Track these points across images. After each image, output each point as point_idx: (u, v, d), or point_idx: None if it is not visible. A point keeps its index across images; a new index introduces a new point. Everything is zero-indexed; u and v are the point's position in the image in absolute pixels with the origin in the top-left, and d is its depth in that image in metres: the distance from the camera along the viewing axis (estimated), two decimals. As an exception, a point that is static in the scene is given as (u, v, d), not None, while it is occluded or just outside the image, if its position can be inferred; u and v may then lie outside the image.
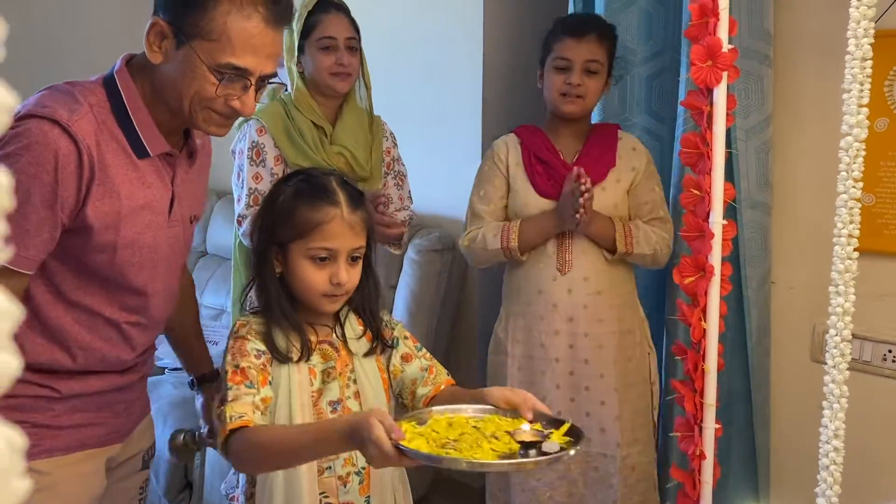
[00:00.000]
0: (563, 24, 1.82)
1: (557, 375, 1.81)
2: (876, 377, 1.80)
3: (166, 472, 2.31)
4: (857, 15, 1.27)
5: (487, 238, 1.80)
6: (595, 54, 1.75)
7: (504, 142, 1.88)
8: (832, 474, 1.38)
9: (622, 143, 1.84)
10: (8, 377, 0.21)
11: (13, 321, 0.21)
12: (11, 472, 0.21)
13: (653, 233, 1.78)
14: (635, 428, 1.83)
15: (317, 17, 1.86)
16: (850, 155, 1.31)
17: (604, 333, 1.80)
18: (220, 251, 3.36)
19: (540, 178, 1.80)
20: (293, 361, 1.19)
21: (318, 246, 1.18)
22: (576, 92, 1.75)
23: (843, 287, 1.34)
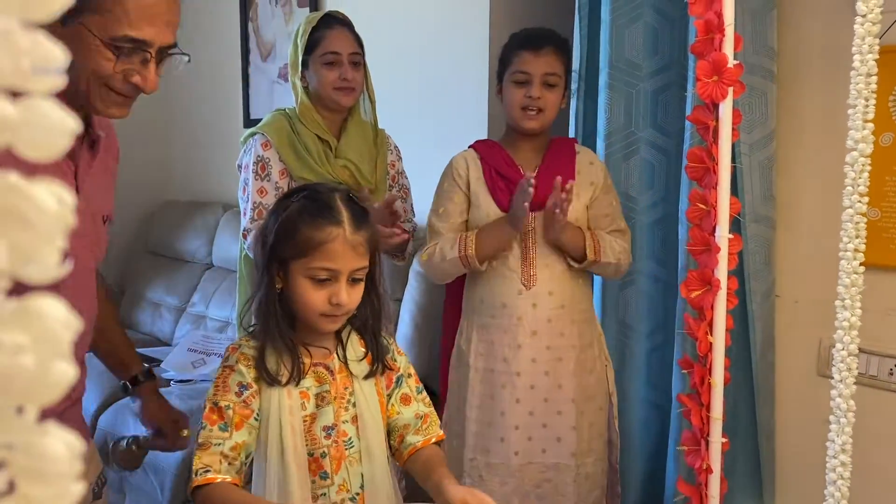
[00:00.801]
0: (520, 37, 1.84)
1: (518, 389, 1.80)
2: (882, 391, 1.80)
3: (171, 485, 2.32)
4: (863, 31, 1.28)
5: (445, 249, 1.80)
6: (553, 67, 1.77)
7: (463, 157, 1.89)
8: (839, 489, 1.38)
9: (580, 157, 1.86)
10: (66, 386, 0.22)
11: (73, 331, 0.22)
12: (70, 477, 0.22)
13: (615, 243, 1.82)
14: (591, 439, 1.84)
15: (321, 32, 1.87)
16: (856, 170, 1.32)
17: (564, 346, 1.81)
18: (225, 264, 3.37)
19: (501, 193, 1.81)
20: (281, 385, 1.18)
21: (318, 266, 1.16)
22: (536, 105, 1.77)
23: (850, 301, 1.34)
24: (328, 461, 1.21)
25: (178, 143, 4.00)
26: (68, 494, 0.22)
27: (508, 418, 1.81)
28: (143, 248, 3.87)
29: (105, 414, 2.61)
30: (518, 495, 1.82)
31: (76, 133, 0.22)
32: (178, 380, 2.81)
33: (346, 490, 1.22)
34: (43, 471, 0.22)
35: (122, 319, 3.67)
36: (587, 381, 1.84)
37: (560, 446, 1.81)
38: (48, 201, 0.21)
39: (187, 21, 4.05)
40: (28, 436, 0.22)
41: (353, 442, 1.24)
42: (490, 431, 1.82)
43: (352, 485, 1.23)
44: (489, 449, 1.82)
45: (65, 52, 0.22)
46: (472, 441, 1.84)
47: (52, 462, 0.22)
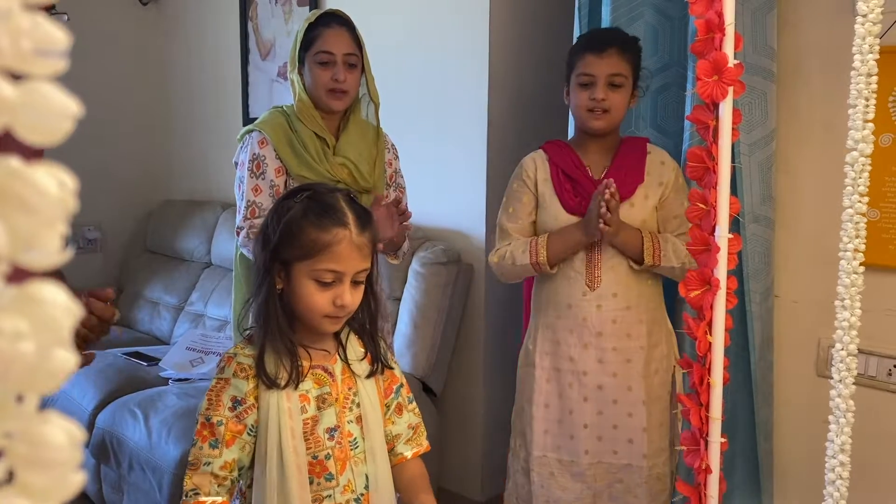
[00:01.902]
0: (585, 40, 1.84)
1: (585, 388, 1.82)
2: (881, 392, 1.80)
3: (169, 484, 2.31)
4: (863, 31, 1.28)
5: (516, 255, 1.82)
6: (617, 68, 1.76)
7: (532, 158, 1.90)
8: (838, 489, 1.38)
9: (651, 157, 1.84)
10: (67, 373, 0.22)
11: (74, 318, 0.22)
12: (70, 465, 0.21)
13: (681, 246, 1.79)
14: (662, 438, 1.84)
15: (318, 30, 1.85)
16: (856, 170, 1.32)
17: (632, 348, 1.81)
18: (224, 262, 3.37)
19: (568, 195, 1.81)
20: (280, 388, 1.17)
21: (324, 268, 1.15)
22: (601, 106, 1.76)
23: (850, 301, 1.34)
24: (332, 462, 1.21)
25: (177, 142, 4.00)
26: (68, 483, 0.21)
27: (577, 416, 1.83)
28: (141, 246, 3.86)
29: (103, 413, 2.61)
30: (591, 493, 1.83)
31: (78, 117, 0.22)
32: (176, 378, 2.80)
33: (350, 490, 1.22)
34: (43, 459, 0.21)
35: (121, 318, 3.67)
36: (654, 381, 1.83)
37: (632, 448, 1.82)
38: (49, 185, 0.21)
39: (186, 20, 4.09)
40: (28, 424, 0.22)
41: (357, 442, 1.24)
42: (559, 429, 1.84)
43: (357, 485, 1.23)
44: (559, 446, 1.85)
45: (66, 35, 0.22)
46: (540, 439, 1.86)
47: (51, 450, 0.21)
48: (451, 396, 2.68)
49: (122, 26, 3.88)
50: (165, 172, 4.04)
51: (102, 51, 3.73)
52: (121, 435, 2.50)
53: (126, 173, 3.93)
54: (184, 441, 2.33)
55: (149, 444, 2.40)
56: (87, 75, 3.56)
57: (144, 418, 2.47)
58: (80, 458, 0.22)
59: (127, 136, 3.93)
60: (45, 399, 0.23)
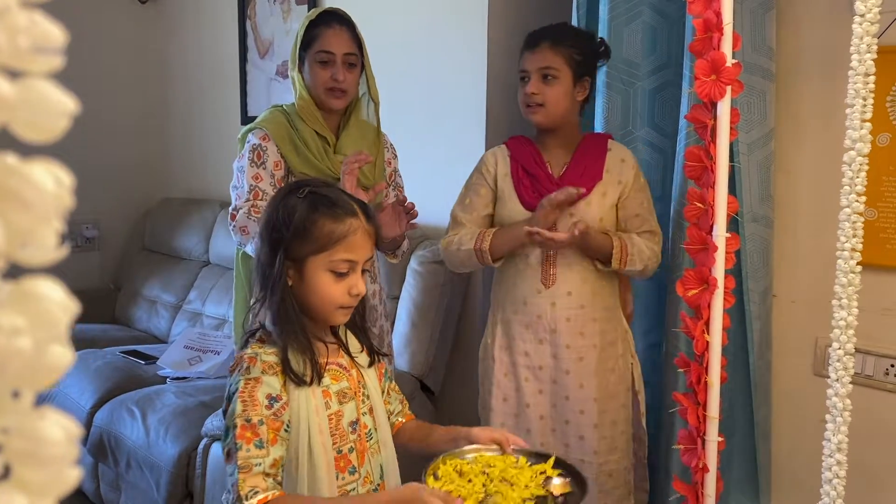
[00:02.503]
0: (525, 40, 1.86)
1: (541, 382, 1.84)
2: (878, 391, 1.80)
3: (167, 482, 2.31)
4: (861, 31, 1.28)
5: (464, 240, 1.83)
6: (548, 61, 1.77)
7: (493, 153, 1.91)
8: (835, 488, 1.38)
9: (611, 154, 1.84)
10: (63, 369, 0.22)
11: (71, 315, 0.22)
12: (66, 461, 0.21)
13: (646, 248, 1.80)
14: (614, 436, 1.85)
15: (318, 29, 1.85)
16: (854, 169, 1.32)
17: (585, 346, 1.82)
18: (222, 261, 3.37)
19: (526, 191, 1.82)
20: (307, 384, 1.17)
21: (340, 258, 1.17)
22: (534, 101, 1.78)
23: (847, 301, 1.34)
24: (354, 455, 1.23)
25: (175, 141, 3.99)
26: (65, 478, 0.22)
27: (533, 409, 1.84)
28: (139, 245, 3.86)
29: (101, 411, 2.61)
30: None
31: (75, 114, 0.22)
32: (173, 377, 2.80)
33: (370, 481, 1.24)
34: (39, 454, 0.21)
35: (119, 316, 3.67)
36: (609, 380, 1.84)
37: (583, 444, 1.83)
38: (46, 181, 0.21)
39: (185, 18, 4.08)
40: (24, 419, 0.22)
41: (371, 433, 1.27)
42: (516, 423, 1.86)
43: (374, 475, 1.25)
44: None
45: (62, 32, 0.22)
46: None
47: (48, 446, 0.21)
48: (448, 395, 2.68)
49: (120, 24, 3.87)
50: (164, 170, 4.03)
51: (101, 49, 3.72)
52: (118, 433, 2.50)
53: (124, 171, 3.93)
54: (182, 439, 2.34)
55: (146, 443, 2.40)
56: (86, 73, 3.56)
57: (142, 417, 2.47)
58: (76, 454, 0.22)
59: (125, 133, 3.93)
60: (42, 397, 0.23)
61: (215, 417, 2.30)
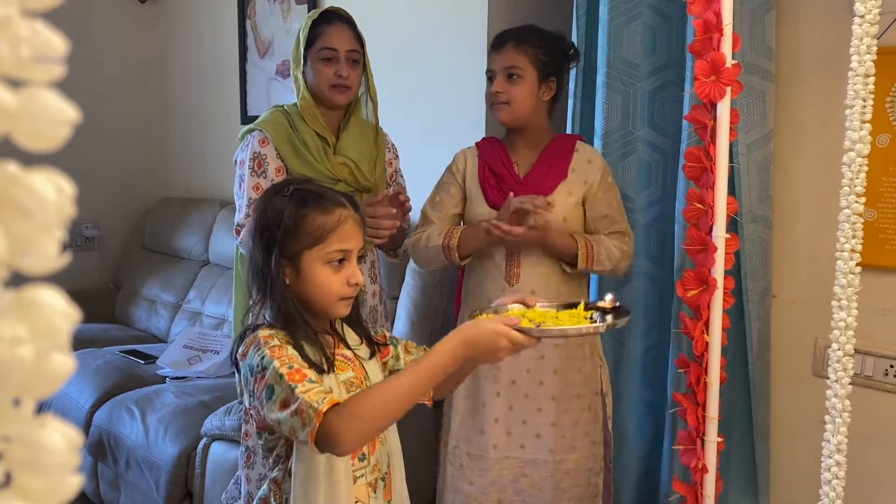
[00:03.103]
0: (492, 41, 1.88)
1: (499, 383, 1.83)
2: (877, 392, 1.80)
3: (166, 482, 2.31)
4: (860, 32, 1.28)
5: (432, 236, 1.84)
6: (512, 61, 1.79)
7: (464, 153, 1.93)
8: (834, 489, 1.38)
9: (578, 154, 1.85)
10: (65, 378, 0.22)
11: (72, 323, 0.22)
12: (67, 469, 0.21)
13: (615, 248, 1.79)
14: (575, 436, 1.84)
15: (321, 27, 1.87)
16: (853, 170, 1.32)
17: (546, 345, 1.81)
18: (222, 261, 3.37)
19: (492, 190, 1.84)
20: (326, 373, 1.17)
21: (335, 249, 1.18)
22: (499, 99, 1.80)
23: (846, 301, 1.34)
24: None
25: (175, 140, 3.99)
26: (66, 486, 0.22)
27: (489, 410, 1.84)
28: (139, 244, 3.86)
29: (100, 410, 2.61)
30: (496, 488, 1.84)
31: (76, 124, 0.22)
32: (173, 377, 2.80)
33: (378, 470, 1.25)
34: (40, 463, 0.21)
35: (119, 316, 3.67)
36: (573, 380, 1.84)
37: (539, 442, 1.83)
38: (47, 191, 0.21)
39: (185, 18, 4.08)
40: (26, 427, 0.22)
41: None
42: (472, 422, 1.86)
43: (382, 464, 1.26)
44: (470, 439, 1.86)
45: (63, 41, 0.22)
46: (455, 430, 1.88)
47: (49, 454, 0.21)
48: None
49: (120, 24, 3.87)
50: (163, 170, 4.03)
51: (100, 48, 3.72)
52: (118, 433, 2.50)
53: (124, 171, 3.93)
54: (181, 439, 2.34)
55: (146, 442, 2.40)
56: (85, 73, 3.56)
57: (142, 416, 2.47)
58: (77, 462, 0.22)
59: (125, 133, 3.93)
60: (42, 398, 0.23)
61: (215, 417, 2.30)
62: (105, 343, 3.14)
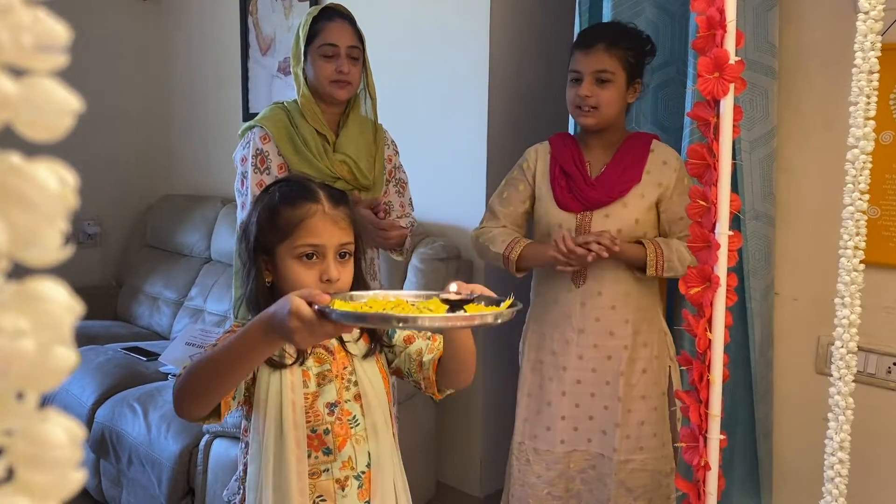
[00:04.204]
0: (578, 37, 1.86)
1: (564, 383, 1.85)
2: (880, 390, 1.80)
3: (168, 478, 2.31)
4: (865, 28, 1.28)
5: (496, 240, 1.85)
6: (603, 64, 1.75)
7: (536, 150, 1.91)
8: (837, 486, 1.38)
9: (654, 155, 1.82)
10: (67, 371, 0.21)
11: (75, 316, 0.22)
12: (70, 463, 0.21)
13: (685, 251, 1.75)
14: (641, 437, 1.83)
15: (321, 23, 1.87)
16: (857, 167, 1.32)
17: (614, 346, 1.81)
18: (224, 258, 3.37)
19: (561, 191, 1.82)
20: (287, 366, 1.18)
21: (303, 243, 1.17)
22: (587, 103, 1.75)
23: (849, 299, 1.34)
24: (331, 437, 1.22)
25: (177, 137, 3.99)
26: (69, 481, 0.21)
27: (555, 409, 1.86)
28: (141, 241, 3.86)
29: (102, 407, 2.61)
30: (564, 479, 1.87)
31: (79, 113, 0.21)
32: (175, 374, 2.80)
33: (350, 467, 1.23)
34: (43, 457, 0.21)
35: (121, 313, 3.67)
36: (638, 380, 1.82)
37: (605, 439, 1.84)
38: (49, 181, 0.21)
39: (187, 15, 4.08)
40: (28, 422, 0.22)
41: (358, 420, 1.25)
42: (538, 419, 1.88)
43: (357, 462, 1.24)
44: (536, 435, 1.88)
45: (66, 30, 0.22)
46: (521, 426, 1.91)
47: (52, 448, 0.21)
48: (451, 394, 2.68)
49: (122, 21, 3.87)
50: (165, 167, 4.03)
51: (103, 46, 3.72)
52: (120, 430, 2.50)
53: (126, 168, 3.93)
54: (183, 436, 2.34)
55: (148, 439, 2.40)
56: (88, 70, 3.55)
57: (144, 413, 2.47)
58: (80, 457, 0.22)
59: (127, 130, 3.92)
60: (44, 395, 0.23)
61: (217, 414, 2.30)
62: (107, 340, 3.14)
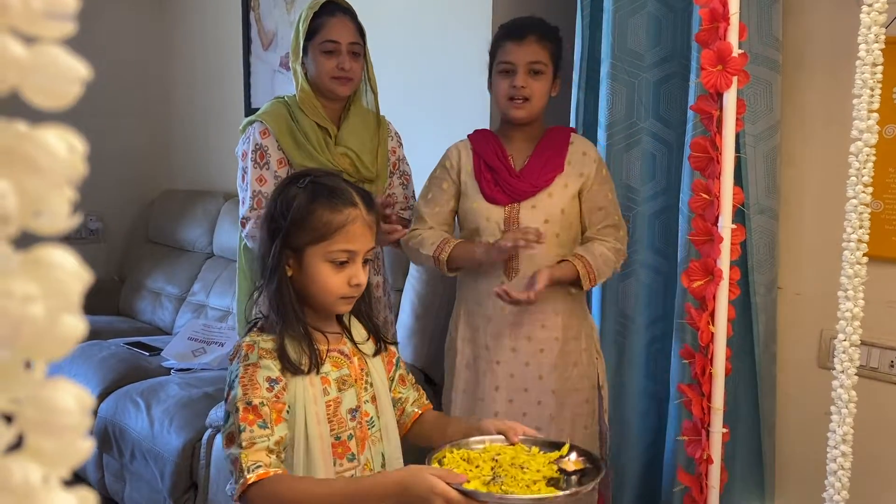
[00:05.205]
0: (505, 28, 1.84)
1: (498, 378, 1.83)
2: (883, 384, 1.80)
3: (171, 473, 2.32)
4: (869, 21, 1.27)
5: (425, 243, 1.82)
6: (537, 55, 1.76)
7: (457, 147, 1.90)
8: (840, 479, 1.38)
9: (573, 147, 1.84)
10: (76, 340, 0.21)
11: (84, 284, 0.22)
12: (79, 431, 0.21)
13: (610, 252, 1.79)
14: (574, 431, 1.83)
15: (322, 19, 1.86)
16: (860, 160, 1.32)
17: (546, 339, 1.81)
18: (226, 253, 3.37)
19: (487, 185, 1.81)
20: (304, 373, 1.18)
21: (339, 248, 1.17)
22: (521, 94, 1.76)
23: (853, 292, 1.34)
24: (354, 443, 1.23)
25: (179, 132, 3.99)
26: (77, 448, 0.21)
27: (488, 404, 1.83)
28: (143, 236, 3.86)
29: (105, 402, 2.61)
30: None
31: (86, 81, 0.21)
32: (178, 368, 2.81)
33: (369, 469, 1.24)
34: (52, 423, 0.21)
35: (123, 308, 3.68)
36: (570, 374, 1.83)
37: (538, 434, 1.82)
38: (59, 147, 0.21)
39: (189, 10, 4.07)
40: (37, 389, 0.22)
41: (374, 421, 1.27)
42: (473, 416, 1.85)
43: (374, 464, 1.25)
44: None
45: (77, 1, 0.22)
46: None
47: (61, 415, 0.21)
48: (452, 387, 2.68)
49: (123, 16, 3.87)
50: (167, 162, 4.03)
51: (104, 40, 3.72)
52: (123, 424, 2.50)
53: (128, 163, 3.93)
54: (186, 430, 2.34)
55: (151, 434, 2.40)
56: (89, 65, 3.55)
57: (147, 408, 2.47)
58: (88, 424, 0.22)
59: (129, 125, 3.92)
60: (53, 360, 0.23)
61: (219, 408, 2.31)
62: (110, 335, 3.14)
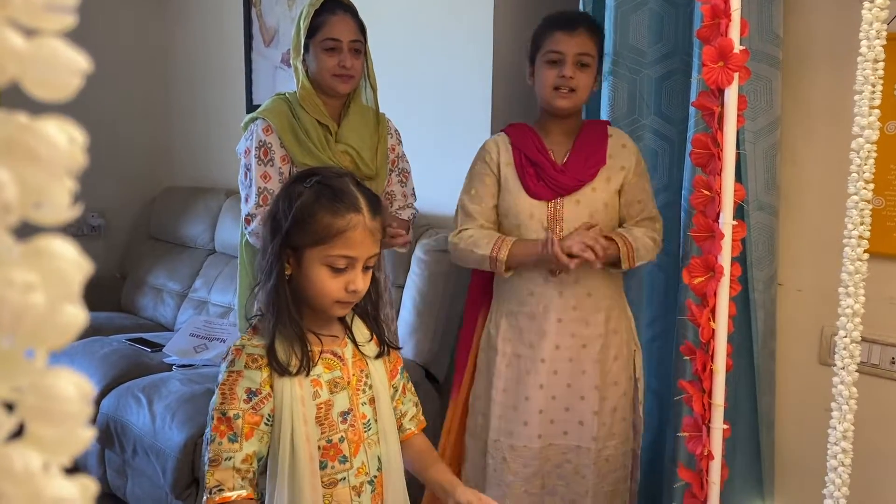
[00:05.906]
0: (553, 19, 1.83)
1: (541, 376, 1.83)
2: (883, 380, 1.80)
3: (173, 469, 2.32)
4: (870, 17, 1.27)
5: (480, 243, 1.80)
6: (586, 47, 1.76)
7: (495, 141, 1.89)
8: (840, 475, 1.38)
9: (612, 140, 1.84)
10: (77, 330, 0.22)
11: (84, 274, 0.22)
12: (80, 418, 0.21)
13: (649, 239, 1.80)
14: (614, 423, 1.85)
15: (323, 17, 1.86)
16: (861, 156, 1.32)
17: (589, 335, 1.82)
18: (227, 249, 3.38)
19: (531, 180, 1.81)
20: (292, 375, 1.16)
21: (338, 254, 1.15)
22: (569, 85, 1.76)
23: (853, 288, 1.34)
24: (346, 445, 1.21)
25: (181, 129, 3.99)
26: (79, 436, 0.22)
27: (532, 403, 1.83)
28: (145, 233, 3.87)
29: (107, 398, 2.62)
30: (540, 475, 1.85)
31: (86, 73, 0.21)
32: (179, 365, 2.81)
33: (364, 472, 1.23)
34: (53, 411, 0.21)
35: (125, 304, 3.68)
36: (611, 367, 1.84)
37: (582, 430, 1.83)
38: (59, 137, 0.21)
39: (190, 6, 4.08)
40: (38, 377, 0.22)
41: (371, 424, 1.25)
42: (515, 415, 1.85)
43: (370, 467, 1.24)
44: (513, 432, 1.85)
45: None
46: (496, 423, 1.87)
47: (62, 402, 0.21)
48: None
49: (124, 12, 3.87)
50: (168, 159, 4.04)
51: (105, 37, 3.72)
52: (125, 420, 2.51)
53: (129, 160, 3.93)
54: (188, 426, 2.35)
55: (152, 430, 2.41)
56: (90, 62, 3.55)
57: (148, 404, 2.48)
58: (90, 412, 0.22)
59: (130, 122, 3.93)
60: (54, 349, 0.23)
61: (221, 404, 2.31)
62: (111, 331, 3.15)
